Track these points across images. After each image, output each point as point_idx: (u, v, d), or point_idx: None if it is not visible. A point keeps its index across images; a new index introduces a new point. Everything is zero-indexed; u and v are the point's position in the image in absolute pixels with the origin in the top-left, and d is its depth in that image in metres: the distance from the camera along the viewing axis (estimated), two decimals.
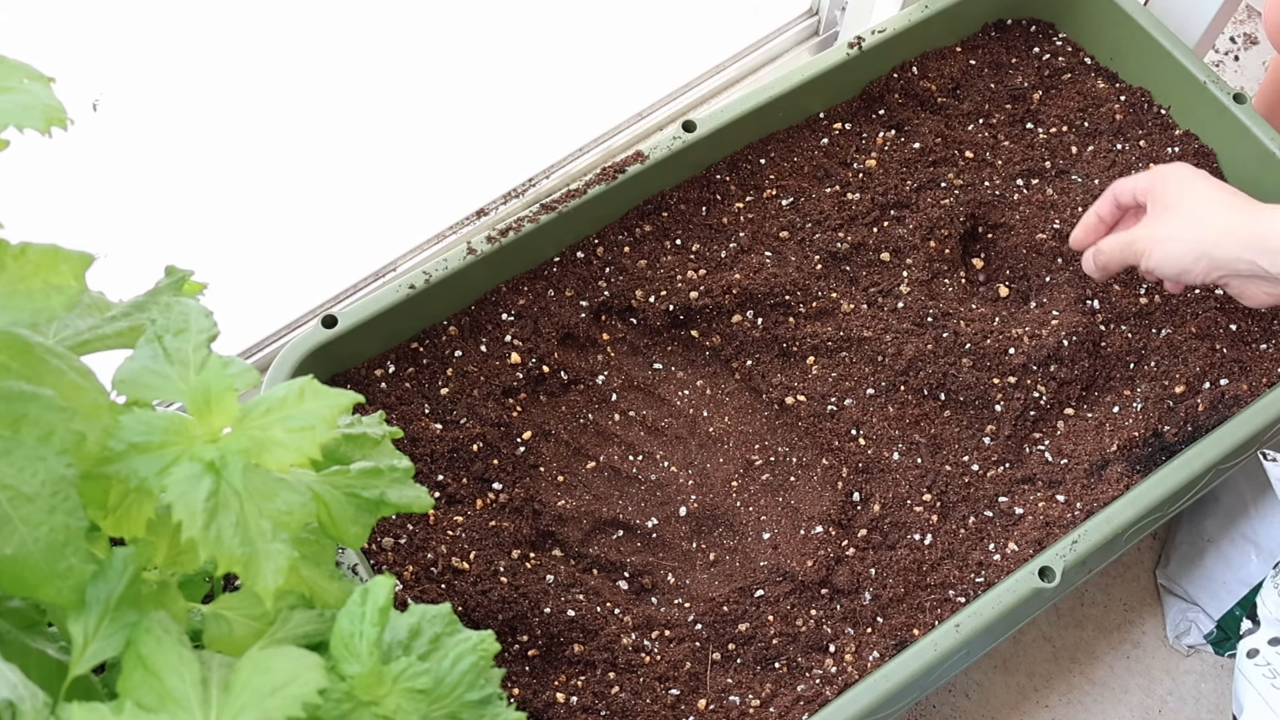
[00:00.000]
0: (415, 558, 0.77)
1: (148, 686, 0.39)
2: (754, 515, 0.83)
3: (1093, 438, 0.83)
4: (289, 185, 1.05)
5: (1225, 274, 0.76)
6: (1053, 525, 0.79)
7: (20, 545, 0.38)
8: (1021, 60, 0.98)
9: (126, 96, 1.04)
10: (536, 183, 1.05)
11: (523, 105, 1.11)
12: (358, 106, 1.09)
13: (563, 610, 0.77)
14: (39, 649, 0.43)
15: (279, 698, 0.39)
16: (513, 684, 0.75)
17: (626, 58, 1.15)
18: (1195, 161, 0.92)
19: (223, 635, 0.47)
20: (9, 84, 0.40)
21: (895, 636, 0.76)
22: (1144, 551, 1.01)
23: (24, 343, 0.40)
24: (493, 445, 0.82)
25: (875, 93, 0.95)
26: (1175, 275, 0.78)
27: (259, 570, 0.41)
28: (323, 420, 0.43)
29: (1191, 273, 0.76)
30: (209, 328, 0.47)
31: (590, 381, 0.86)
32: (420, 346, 0.84)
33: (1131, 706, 0.96)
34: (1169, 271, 0.78)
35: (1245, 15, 1.31)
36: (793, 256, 0.89)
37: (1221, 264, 0.75)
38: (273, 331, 0.97)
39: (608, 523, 0.82)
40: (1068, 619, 0.98)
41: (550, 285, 0.87)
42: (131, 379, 0.44)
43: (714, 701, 0.75)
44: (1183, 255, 0.76)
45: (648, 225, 0.89)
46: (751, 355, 0.87)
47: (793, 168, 0.92)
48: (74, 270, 0.40)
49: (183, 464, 0.41)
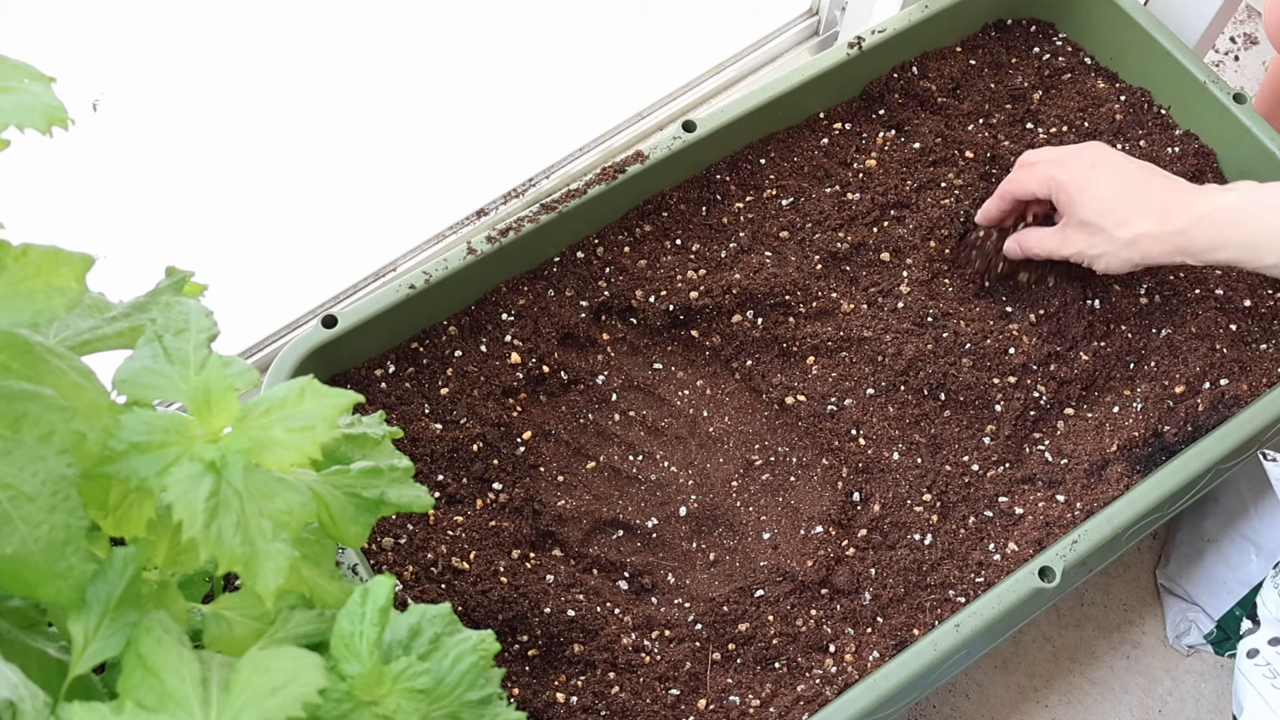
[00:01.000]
0: (415, 558, 0.77)
1: (148, 686, 0.39)
2: (754, 515, 0.83)
3: (1093, 438, 0.83)
4: (289, 185, 1.05)
5: (1168, 264, 0.80)
6: (1053, 525, 0.79)
7: (21, 545, 0.38)
8: (1021, 60, 0.98)
9: (126, 96, 1.04)
10: (536, 183, 1.05)
11: (523, 105, 1.11)
12: (358, 106, 1.09)
13: (563, 610, 0.77)
14: (39, 649, 0.43)
15: (279, 698, 0.39)
16: (513, 684, 0.75)
17: (626, 58, 1.15)
18: (1195, 161, 0.92)
19: (223, 635, 0.47)
20: (9, 84, 0.40)
21: (895, 636, 0.76)
22: (1144, 551, 1.01)
23: (24, 343, 0.40)
24: (493, 445, 0.82)
25: (875, 93, 0.95)
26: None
27: (259, 570, 0.41)
28: (323, 420, 0.43)
29: (1139, 269, 0.80)
30: (209, 327, 0.47)
31: (590, 381, 0.86)
32: (420, 346, 0.84)
33: (1131, 706, 0.96)
34: (1119, 274, 0.85)
35: (1245, 15, 1.31)
36: (793, 256, 0.89)
37: (1160, 262, 0.78)
38: (273, 331, 0.97)
39: (608, 523, 0.82)
40: (1068, 619, 0.98)
41: (550, 285, 0.87)
42: (132, 379, 0.45)
43: (714, 701, 0.75)
44: (1123, 266, 0.79)
45: (648, 225, 0.89)
46: (751, 355, 0.87)
47: (793, 168, 0.92)
48: (75, 272, 0.40)
49: (183, 464, 0.41)
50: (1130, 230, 0.77)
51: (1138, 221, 0.77)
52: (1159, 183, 0.78)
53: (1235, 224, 0.73)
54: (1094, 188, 0.79)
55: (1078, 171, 0.80)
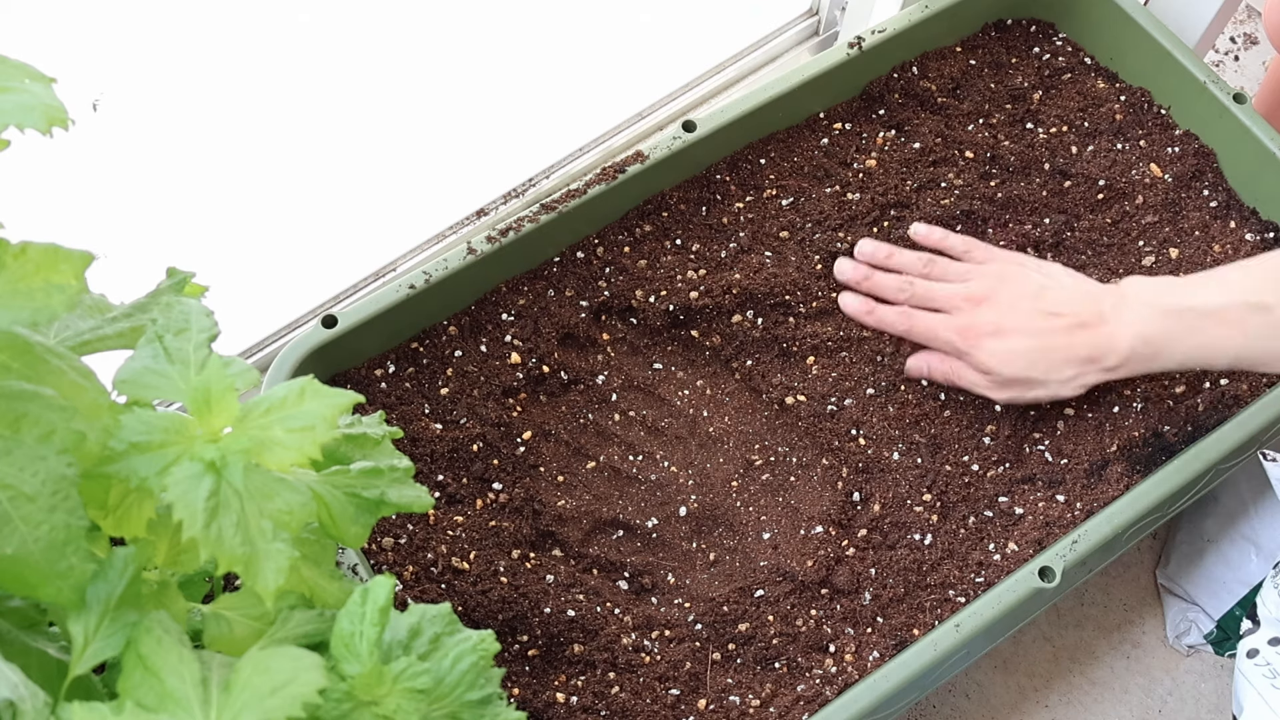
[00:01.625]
0: (415, 558, 0.77)
1: (148, 686, 0.39)
2: (754, 515, 0.83)
3: (1093, 438, 0.83)
4: (289, 185, 1.05)
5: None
6: (1053, 525, 0.79)
7: (20, 545, 0.38)
8: (1021, 60, 0.98)
9: (126, 96, 1.04)
10: (536, 183, 1.05)
11: (523, 105, 1.11)
12: (358, 106, 1.09)
13: (563, 610, 0.77)
14: (39, 649, 0.43)
15: (279, 698, 0.39)
16: (513, 684, 0.75)
17: (626, 58, 1.15)
18: (1195, 161, 0.92)
19: (223, 635, 0.47)
20: (10, 84, 0.40)
21: (895, 636, 0.76)
22: (1144, 551, 1.01)
23: (24, 342, 0.40)
24: (493, 445, 0.82)
25: (875, 93, 0.95)
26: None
27: (259, 570, 0.41)
28: (323, 420, 0.43)
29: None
30: (210, 327, 0.47)
31: (590, 381, 0.86)
32: (420, 346, 0.84)
33: (1131, 706, 0.96)
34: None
35: (1245, 15, 1.31)
36: (793, 256, 0.89)
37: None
38: (273, 331, 0.97)
39: (608, 523, 0.82)
40: (1068, 619, 0.98)
41: (550, 285, 0.87)
42: (132, 379, 0.45)
43: (714, 701, 0.75)
44: (1073, 393, 0.79)
45: (648, 225, 0.89)
46: (751, 355, 0.87)
47: (793, 168, 0.92)
48: (74, 270, 0.40)
49: (183, 464, 0.41)
50: (1063, 375, 0.77)
51: (1069, 370, 0.77)
52: (1073, 337, 0.76)
53: (1163, 355, 0.74)
54: (1008, 358, 0.78)
55: (982, 345, 0.78)
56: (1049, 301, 0.77)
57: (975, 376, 0.80)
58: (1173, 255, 0.89)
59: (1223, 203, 0.91)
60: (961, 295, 0.80)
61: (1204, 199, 0.91)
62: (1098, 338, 0.75)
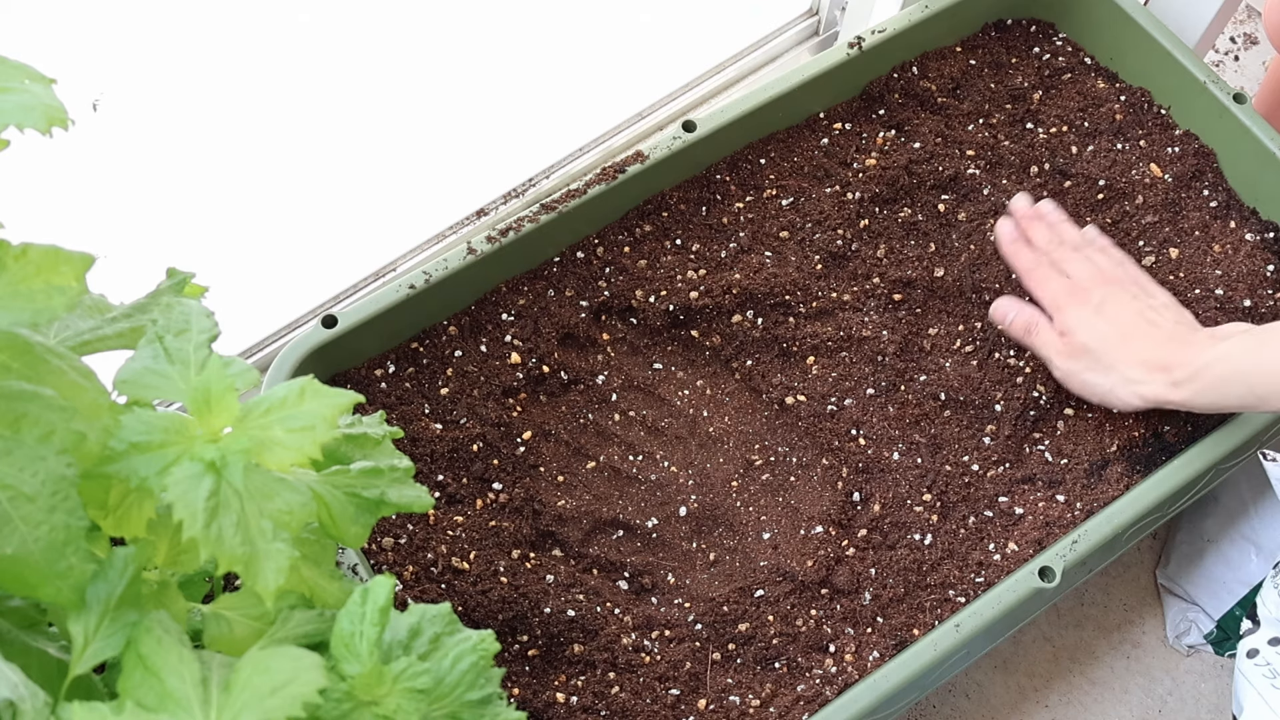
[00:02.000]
0: (415, 558, 0.77)
1: (148, 686, 0.39)
2: (754, 515, 0.83)
3: (1093, 438, 0.83)
4: (289, 185, 1.05)
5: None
6: (1053, 525, 0.79)
7: (21, 545, 0.38)
8: (1021, 60, 0.98)
9: (126, 96, 1.04)
10: (536, 183, 1.05)
11: (523, 105, 1.11)
12: (358, 106, 1.09)
13: (563, 610, 0.77)
14: (39, 649, 0.43)
15: (279, 698, 0.39)
16: (513, 684, 0.75)
17: (626, 58, 1.15)
18: (1195, 161, 0.92)
19: (223, 635, 0.47)
20: (10, 84, 0.40)
21: (895, 636, 0.76)
22: (1144, 551, 1.01)
23: (24, 342, 0.40)
24: (493, 445, 0.82)
25: (875, 93, 0.95)
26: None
27: (259, 570, 0.41)
28: (323, 420, 0.43)
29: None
30: (210, 328, 0.47)
31: (590, 381, 0.86)
32: (420, 346, 0.84)
33: (1131, 706, 0.96)
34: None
35: (1245, 15, 1.31)
36: (793, 256, 0.89)
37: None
38: (273, 331, 0.97)
39: (608, 523, 0.82)
40: (1068, 619, 0.98)
41: (550, 285, 0.87)
42: (133, 379, 0.45)
43: (714, 701, 0.75)
44: (1130, 398, 0.80)
45: (648, 225, 0.89)
46: (751, 355, 0.87)
47: (793, 168, 0.92)
48: (75, 271, 0.40)
49: (183, 464, 0.41)
50: (1130, 373, 0.79)
51: (1138, 370, 0.79)
52: (1156, 342, 0.79)
53: (1230, 382, 0.75)
54: (1092, 328, 0.81)
55: (1077, 310, 0.82)
56: (1155, 314, 0.81)
57: (1051, 336, 0.82)
58: (1172, 255, 0.89)
59: (1223, 203, 0.91)
60: (1090, 275, 0.84)
61: (1204, 199, 0.91)
62: (1178, 352, 0.78)
